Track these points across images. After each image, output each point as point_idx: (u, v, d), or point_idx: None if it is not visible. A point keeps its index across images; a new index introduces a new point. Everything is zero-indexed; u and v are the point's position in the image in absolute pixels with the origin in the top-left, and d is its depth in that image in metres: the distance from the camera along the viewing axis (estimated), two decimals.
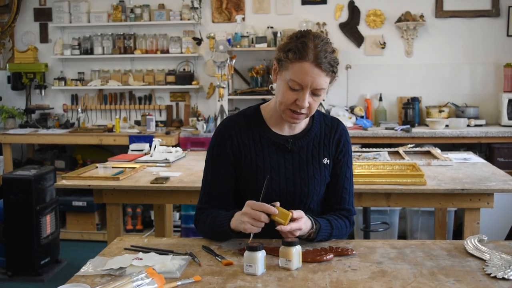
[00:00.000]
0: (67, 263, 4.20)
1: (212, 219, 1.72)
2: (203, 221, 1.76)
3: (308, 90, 1.61)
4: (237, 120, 1.79)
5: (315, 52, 1.59)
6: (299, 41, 1.62)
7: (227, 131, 1.77)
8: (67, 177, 3.00)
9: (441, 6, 4.99)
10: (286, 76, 1.63)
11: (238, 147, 1.75)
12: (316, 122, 1.81)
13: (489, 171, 2.95)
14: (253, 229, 1.56)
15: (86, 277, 1.45)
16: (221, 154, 1.76)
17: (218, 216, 1.70)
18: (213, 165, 1.78)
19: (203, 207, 1.80)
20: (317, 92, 1.63)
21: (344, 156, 1.81)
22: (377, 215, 4.37)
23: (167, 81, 5.28)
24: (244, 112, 1.82)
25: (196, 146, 4.76)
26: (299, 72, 1.59)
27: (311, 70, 1.59)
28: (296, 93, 1.62)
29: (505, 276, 1.39)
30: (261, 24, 5.16)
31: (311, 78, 1.59)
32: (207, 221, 1.73)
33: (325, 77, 1.61)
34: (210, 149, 1.80)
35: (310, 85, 1.60)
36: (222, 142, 1.76)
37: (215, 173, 1.78)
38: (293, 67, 1.60)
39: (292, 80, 1.61)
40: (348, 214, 1.81)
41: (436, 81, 5.07)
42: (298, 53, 1.59)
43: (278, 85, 1.68)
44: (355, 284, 1.38)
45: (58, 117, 5.44)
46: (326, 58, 1.60)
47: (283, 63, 1.63)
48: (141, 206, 4.87)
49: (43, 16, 5.52)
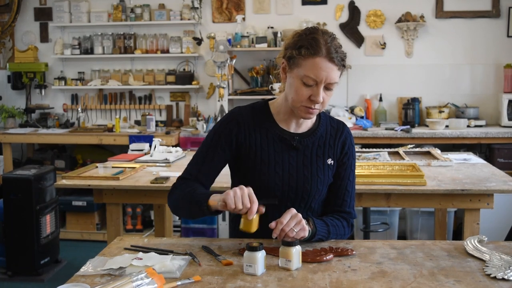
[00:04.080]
0: (67, 263, 4.20)
1: (191, 189, 1.70)
2: (181, 188, 1.74)
3: (322, 85, 1.63)
4: (246, 111, 1.80)
5: (327, 47, 1.62)
6: (310, 37, 1.64)
7: (236, 119, 1.77)
8: (67, 176, 3.00)
9: (441, 7, 4.99)
10: (299, 73, 1.64)
11: (244, 136, 1.76)
12: (323, 123, 1.82)
13: (489, 171, 2.95)
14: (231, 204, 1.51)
15: (86, 277, 1.45)
16: (224, 137, 1.76)
17: (198, 189, 1.70)
18: (212, 144, 1.78)
19: (187, 177, 1.78)
20: (330, 87, 1.65)
21: (349, 159, 1.83)
22: (377, 216, 4.37)
23: (167, 81, 5.28)
24: (253, 106, 1.83)
25: (196, 146, 4.76)
26: (313, 67, 1.61)
27: (325, 64, 1.61)
28: (310, 89, 1.64)
29: (505, 276, 1.39)
30: (261, 24, 5.16)
31: (325, 73, 1.61)
32: (186, 190, 1.71)
33: (337, 71, 1.65)
34: (214, 130, 1.80)
35: (324, 80, 1.62)
36: (228, 127, 1.77)
37: (211, 152, 1.77)
38: (306, 63, 1.62)
39: (306, 76, 1.62)
40: (348, 216, 1.82)
41: (436, 81, 5.07)
42: (311, 49, 1.61)
43: (290, 83, 1.69)
44: (355, 284, 1.38)
45: (58, 116, 5.44)
46: (337, 52, 1.63)
47: (295, 60, 1.64)
48: (141, 206, 4.87)
49: (43, 16, 5.52)
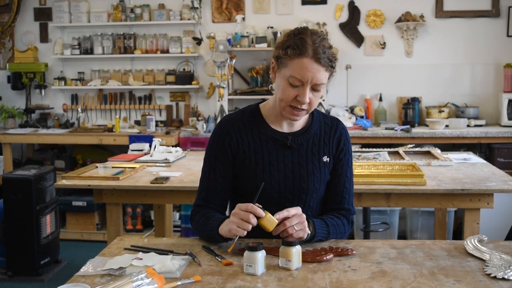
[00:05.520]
0: (67, 263, 4.20)
1: (204, 220, 1.71)
2: (196, 221, 1.76)
3: (308, 86, 1.62)
4: (236, 117, 1.80)
5: (314, 47, 1.60)
6: (297, 37, 1.63)
7: (226, 128, 1.77)
8: (67, 177, 3.00)
9: (441, 6, 4.99)
10: (285, 73, 1.64)
11: (236, 144, 1.75)
12: (316, 121, 1.81)
13: (489, 171, 2.95)
14: (238, 231, 1.54)
15: (86, 277, 1.44)
16: (219, 151, 1.77)
17: (210, 219, 1.70)
18: (211, 162, 1.79)
19: (200, 204, 1.80)
20: (317, 88, 1.64)
21: (345, 155, 1.81)
22: (377, 215, 4.37)
23: (167, 81, 5.28)
24: (243, 110, 1.83)
25: (196, 146, 4.76)
26: (299, 68, 1.60)
27: (311, 65, 1.60)
28: (296, 89, 1.63)
29: (505, 276, 1.39)
30: (261, 24, 5.16)
31: (311, 74, 1.60)
32: (200, 221, 1.73)
33: (324, 72, 1.63)
34: (209, 146, 1.81)
35: (310, 81, 1.61)
36: (221, 139, 1.77)
37: (212, 170, 1.78)
38: (292, 63, 1.62)
39: (292, 77, 1.62)
40: (347, 213, 1.81)
41: (436, 81, 5.07)
42: (297, 49, 1.60)
43: (278, 83, 1.69)
44: (355, 284, 1.38)
45: (58, 117, 5.44)
46: (325, 53, 1.61)
47: (282, 60, 1.64)
48: (141, 206, 4.87)
49: (43, 16, 5.52)
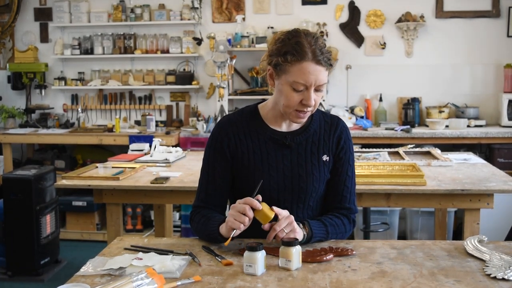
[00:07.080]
0: (67, 263, 4.20)
1: (205, 221, 1.72)
2: (196, 221, 1.77)
3: (312, 89, 1.62)
4: (234, 118, 1.79)
5: (312, 49, 1.60)
6: (293, 41, 1.62)
7: (224, 129, 1.77)
8: (67, 177, 3.00)
9: (441, 7, 4.99)
10: (287, 79, 1.63)
11: (235, 144, 1.75)
12: (315, 119, 1.80)
13: (489, 171, 2.95)
14: (234, 223, 1.55)
15: (86, 277, 1.45)
16: (218, 152, 1.76)
17: (210, 219, 1.70)
18: (210, 163, 1.78)
19: (199, 205, 1.80)
20: (320, 88, 1.65)
21: (346, 154, 1.80)
22: (377, 216, 4.37)
23: (167, 81, 5.28)
24: (242, 110, 1.82)
25: (196, 146, 4.76)
26: (302, 73, 1.60)
27: (313, 68, 1.60)
28: (301, 94, 1.63)
29: (505, 276, 1.39)
30: (261, 24, 5.16)
31: (313, 76, 1.60)
32: (200, 222, 1.74)
33: (325, 72, 1.64)
34: (207, 147, 1.81)
35: (314, 83, 1.61)
36: (219, 140, 1.77)
37: (211, 171, 1.78)
38: (293, 69, 1.61)
39: (295, 82, 1.61)
40: (348, 212, 1.80)
41: (436, 81, 5.07)
42: (297, 55, 1.60)
43: (279, 89, 1.68)
44: (355, 284, 1.38)
45: (58, 117, 5.44)
46: (323, 53, 1.62)
47: (282, 66, 1.63)
48: (141, 206, 4.86)
49: (43, 16, 5.52)
